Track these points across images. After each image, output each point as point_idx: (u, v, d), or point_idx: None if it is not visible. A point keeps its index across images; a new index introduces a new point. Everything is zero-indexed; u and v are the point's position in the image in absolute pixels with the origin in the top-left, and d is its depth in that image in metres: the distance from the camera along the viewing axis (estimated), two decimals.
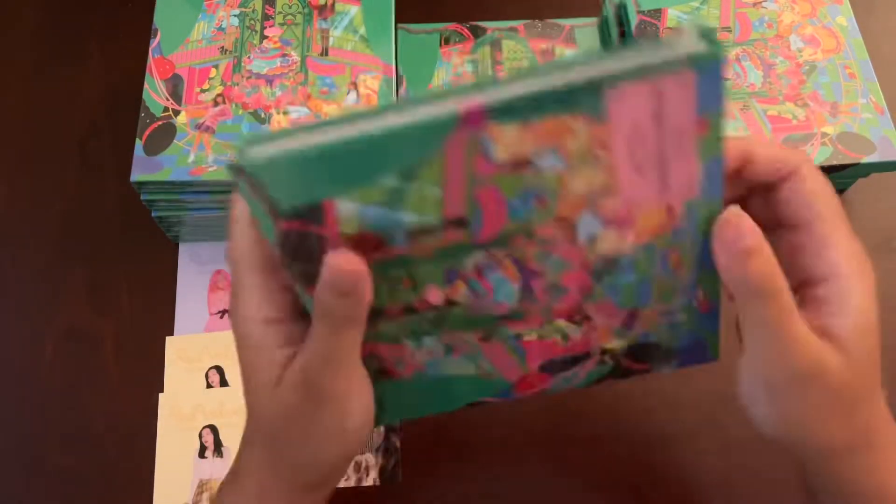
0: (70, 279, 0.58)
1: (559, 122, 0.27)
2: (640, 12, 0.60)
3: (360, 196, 0.28)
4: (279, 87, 0.55)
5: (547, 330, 0.35)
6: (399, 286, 0.32)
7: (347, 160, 0.27)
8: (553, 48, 0.64)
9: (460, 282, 0.32)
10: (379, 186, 0.28)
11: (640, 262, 0.32)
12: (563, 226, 0.30)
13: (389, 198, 0.28)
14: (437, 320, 0.33)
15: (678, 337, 0.36)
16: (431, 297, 0.32)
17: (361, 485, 0.51)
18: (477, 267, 0.31)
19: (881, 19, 0.67)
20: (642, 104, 0.27)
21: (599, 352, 0.36)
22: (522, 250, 0.31)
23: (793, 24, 0.60)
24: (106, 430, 0.53)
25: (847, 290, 0.32)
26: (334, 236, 0.29)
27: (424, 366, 0.35)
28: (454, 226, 0.30)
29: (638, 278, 0.33)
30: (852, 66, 0.58)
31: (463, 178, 0.28)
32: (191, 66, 0.56)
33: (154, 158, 0.52)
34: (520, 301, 0.33)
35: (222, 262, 0.58)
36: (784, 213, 0.33)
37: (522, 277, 0.32)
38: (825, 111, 0.56)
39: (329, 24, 0.58)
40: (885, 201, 0.61)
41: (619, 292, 0.33)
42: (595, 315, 0.34)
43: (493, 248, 0.31)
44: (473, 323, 0.34)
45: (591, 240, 0.31)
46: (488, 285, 0.32)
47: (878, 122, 0.56)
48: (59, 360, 0.55)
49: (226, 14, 0.58)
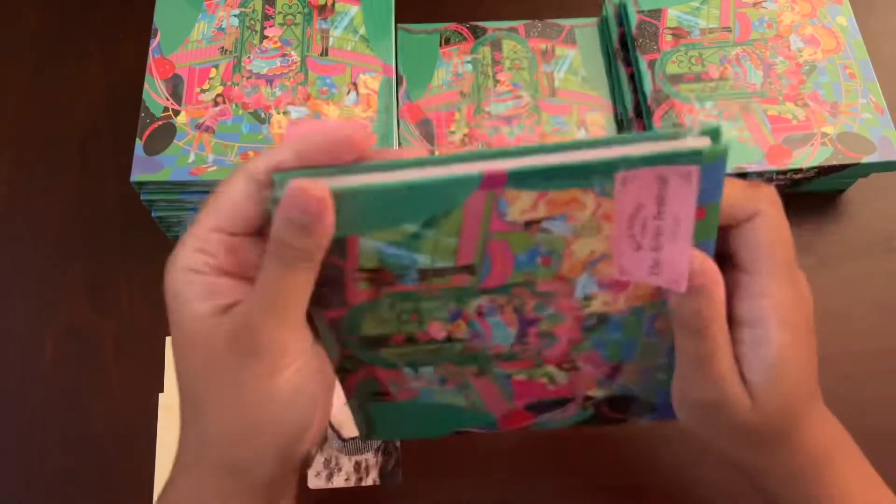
0: (70, 279, 0.58)
1: (571, 194, 0.30)
2: (640, 12, 0.60)
3: (381, 236, 0.30)
4: (279, 87, 0.55)
5: (536, 373, 0.37)
6: (406, 318, 0.34)
7: (378, 204, 0.29)
8: (553, 48, 0.64)
9: (462, 321, 0.34)
10: (401, 230, 0.30)
11: (629, 322, 0.35)
12: (563, 283, 0.33)
13: (408, 241, 0.31)
14: (435, 353, 0.36)
15: (656, 393, 0.38)
16: (434, 332, 0.35)
17: (361, 485, 0.51)
18: (479, 309, 0.34)
19: (881, 19, 0.67)
20: (647, 187, 0.29)
21: (582, 398, 0.39)
22: (522, 300, 0.34)
23: (793, 23, 0.60)
24: (106, 430, 0.53)
25: (764, 339, 0.33)
26: (353, 268, 0.31)
27: (418, 392, 0.38)
28: (463, 271, 0.32)
29: (624, 337, 0.36)
30: (852, 66, 0.58)
31: (477, 232, 0.31)
32: (191, 66, 0.56)
33: (154, 158, 0.52)
34: (514, 344, 0.36)
35: None
36: (734, 252, 0.34)
37: (519, 324, 0.35)
38: (825, 111, 0.56)
39: (329, 24, 0.58)
40: (885, 201, 0.61)
41: (606, 347, 0.36)
42: (582, 364, 0.37)
43: (496, 295, 0.33)
44: (469, 359, 0.36)
45: (587, 298, 0.34)
46: (487, 327, 0.35)
47: (878, 122, 0.56)
48: (59, 360, 0.55)
49: (226, 14, 0.58)
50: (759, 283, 0.33)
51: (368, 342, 0.35)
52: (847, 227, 0.60)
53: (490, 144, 0.60)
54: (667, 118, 0.56)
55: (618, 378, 0.38)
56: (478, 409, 0.39)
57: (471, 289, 0.33)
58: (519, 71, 0.63)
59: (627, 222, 0.30)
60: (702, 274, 0.31)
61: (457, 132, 0.61)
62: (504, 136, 0.60)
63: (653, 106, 0.57)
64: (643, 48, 0.59)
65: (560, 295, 0.33)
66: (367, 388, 0.37)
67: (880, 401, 0.54)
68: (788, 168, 0.54)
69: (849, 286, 0.58)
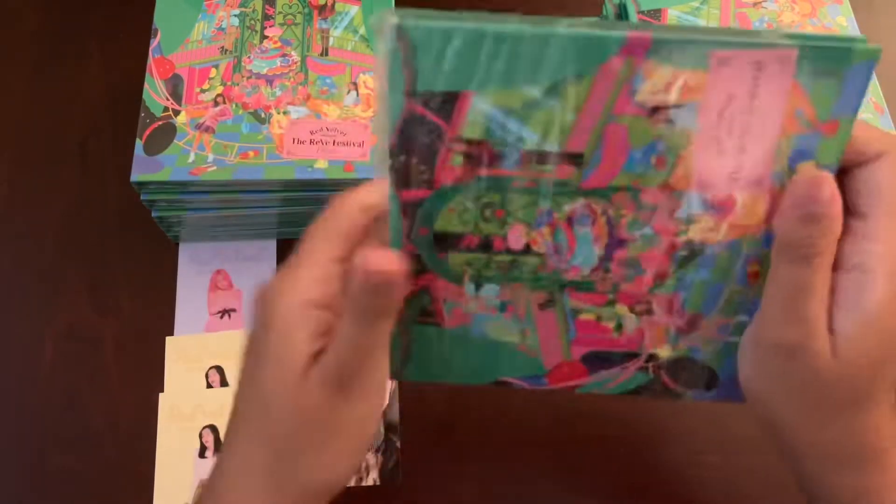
0: (70, 279, 0.58)
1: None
2: (640, 12, 0.60)
3: (497, 98, 0.28)
4: (279, 87, 0.55)
5: (606, 312, 0.35)
6: (489, 215, 0.32)
7: (508, 54, 0.28)
8: None
9: (548, 228, 0.32)
10: (520, 93, 0.28)
11: (722, 260, 0.32)
12: (669, 196, 0.31)
13: (524, 109, 0.29)
14: (507, 267, 0.33)
15: (725, 362, 0.36)
16: (513, 240, 0.32)
17: (361, 485, 0.51)
18: (571, 215, 0.32)
19: (881, 19, 0.67)
20: (742, 74, 0.27)
21: (645, 357, 0.36)
22: (620, 211, 0.31)
23: (793, 23, 0.60)
24: (106, 430, 0.53)
25: (865, 287, 0.30)
26: (453, 136, 0.29)
27: (472, 319, 0.35)
28: (569, 161, 0.30)
29: (713, 278, 0.33)
30: None
31: (600, 110, 0.29)
32: (191, 66, 0.56)
33: (154, 158, 0.52)
34: (595, 269, 0.33)
35: (222, 262, 0.58)
36: (849, 194, 0.32)
37: (609, 241, 0.32)
38: None
39: (329, 24, 0.58)
40: None
41: (691, 289, 0.33)
42: (657, 308, 0.34)
43: (595, 199, 0.31)
44: (540, 281, 0.34)
45: (688, 220, 0.31)
46: (573, 240, 0.32)
47: (878, 122, 0.56)
48: (59, 360, 0.55)
49: (226, 14, 0.58)
50: (872, 226, 0.31)
51: (439, 240, 0.32)
52: None
53: None
54: None
55: (691, 334, 0.35)
56: (531, 352, 0.36)
57: (572, 184, 0.31)
58: None
59: (716, 118, 0.28)
60: (828, 202, 0.29)
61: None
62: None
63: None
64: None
65: (662, 211, 0.31)
66: (417, 304, 0.34)
67: None
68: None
69: None
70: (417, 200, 0.31)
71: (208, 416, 0.53)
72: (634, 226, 0.32)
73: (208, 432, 0.53)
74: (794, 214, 0.30)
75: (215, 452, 0.53)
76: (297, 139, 0.53)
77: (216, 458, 0.35)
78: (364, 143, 0.53)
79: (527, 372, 0.37)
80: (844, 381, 0.32)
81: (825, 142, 0.29)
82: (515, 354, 0.36)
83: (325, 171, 0.52)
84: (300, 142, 0.53)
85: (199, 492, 0.51)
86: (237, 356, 0.34)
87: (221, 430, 0.53)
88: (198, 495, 0.36)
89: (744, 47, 0.27)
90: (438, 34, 0.28)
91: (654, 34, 0.27)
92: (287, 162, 0.52)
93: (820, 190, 0.29)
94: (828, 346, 0.31)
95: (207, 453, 0.53)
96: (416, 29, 0.27)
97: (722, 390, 0.37)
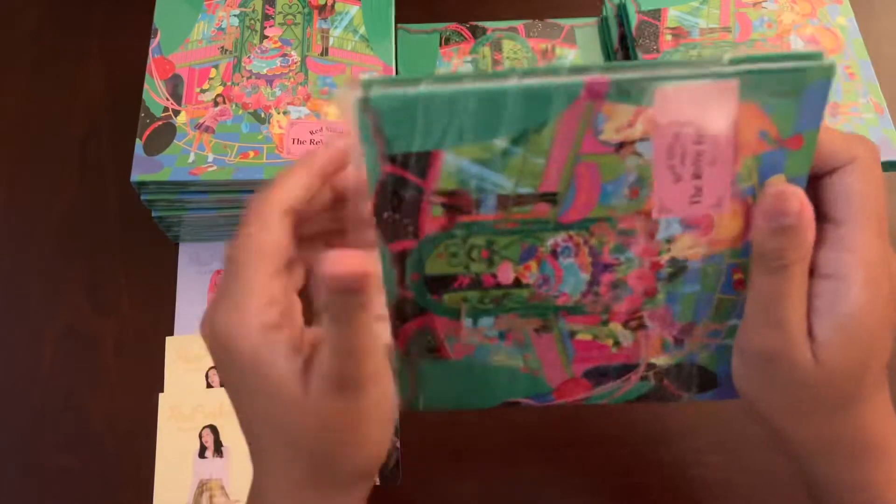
0: (70, 279, 0.58)
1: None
2: (640, 12, 0.60)
3: (468, 152, 0.29)
4: (279, 87, 0.55)
5: (601, 332, 0.36)
6: (476, 255, 0.33)
7: (470, 111, 0.28)
8: (553, 48, 0.64)
9: (534, 262, 0.33)
10: (489, 146, 0.29)
11: (707, 273, 0.33)
12: (646, 220, 0.32)
13: (495, 159, 0.30)
14: (500, 300, 0.34)
15: (721, 364, 0.37)
16: (502, 275, 0.33)
17: None
18: (554, 248, 0.33)
19: (881, 19, 0.67)
20: (688, 106, 0.28)
21: (645, 366, 0.37)
22: (601, 239, 0.32)
23: (793, 23, 0.60)
24: (106, 430, 0.53)
25: (843, 295, 0.31)
26: (431, 191, 0.30)
27: (474, 349, 0.36)
28: (545, 200, 0.31)
29: (701, 290, 0.34)
30: (852, 66, 0.58)
31: (568, 152, 0.29)
32: (191, 66, 0.56)
33: (154, 158, 0.52)
34: (584, 293, 0.34)
35: (222, 263, 0.58)
36: (823, 201, 0.32)
37: (593, 269, 0.33)
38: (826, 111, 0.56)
39: (329, 24, 0.58)
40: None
41: (680, 302, 0.34)
42: (650, 322, 0.35)
43: (575, 231, 0.32)
44: (534, 310, 0.35)
45: (669, 240, 0.32)
46: (559, 271, 0.33)
47: (878, 122, 0.56)
48: (58, 360, 0.55)
49: (226, 14, 0.58)
50: (847, 234, 0.31)
51: (432, 283, 0.34)
52: None
53: None
54: None
55: (686, 342, 0.36)
56: (534, 373, 0.37)
57: (550, 221, 0.32)
58: None
59: (667, 150, 0.29)
60: (797, 214, 0.29)
61: None
62: None
63: None
64: (643, 48, 0.59)
65: (642, 234, 0.32)
66: (421, 342, 0.36)
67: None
68: None
69: None
70: (406, 251, 0.32)
71: (208, 416, 0.53)
72: (617, 251, 0.33)
73: (208, 432, 0.53)
74: (766, 227, 0.30)
75: (215, 452, 0.53)
76: (297, 139, 0.53)
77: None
78: None
79: (534, 392, 0.38)
80: (827, 385, 0.32)
81: (792, 156, 0.30)
82: (521, 377, 0.37)
83: None
84: (300, 142, 0.53)
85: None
86: None
87: (221, 430, 0.53)
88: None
89: (687, 81, 0.28)
90: (402, 101, 0.28)
91: (610, 76, 0.28)
92: (287, 162, 0.52)
93: (788, 203, 0.29)
94: (808, 352, 0.32)
95: (207, 453, 0.53)
96: (380, 100, 0.28)
97: (721, 390, 0.38)
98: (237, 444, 0.36)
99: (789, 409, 0.34)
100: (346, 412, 0.31)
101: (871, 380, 0.33)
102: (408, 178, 0.30)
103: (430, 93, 0.28)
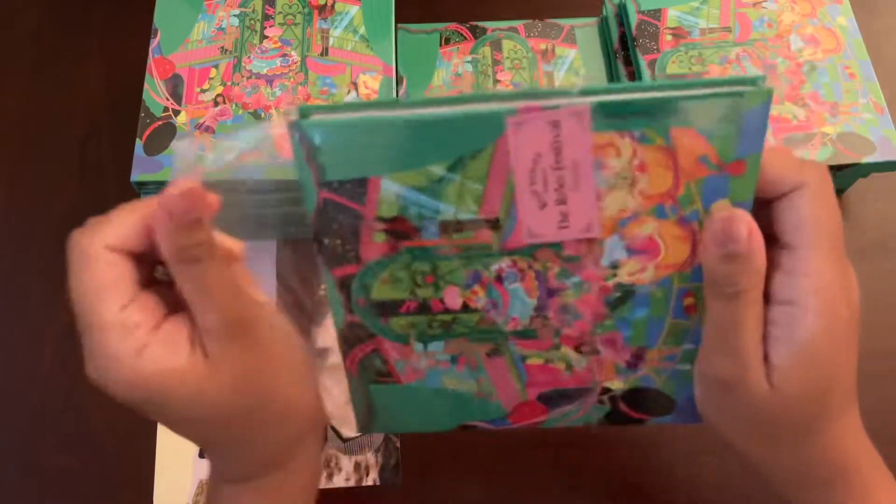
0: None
1: (607, 137, 0.28)
2: (640, 12, 0.60)
3: (404, 179, 0.29)
4: (279, 87, 0.55)
5: (553, 356, 0.35)
6: (422, 281, 0.33)
7: (406, 139, 0.28)
8: (553, 48, 0.64)
9: (480, 287, 0.33)
10: (426, 173, 0.29)
11: (656, 297, 0.33)
12: (590, 246, 0.32)
13: (433, 186, 0.30)
14: (449, 325, 0.34)
15: (678, 387, 0.37)
16: (449, 300, 0.33)
17: (361, 485, 0.51)
18: (499, 274, 0.32)
19: (881, 19, 0.67)
20: (541, 134, 0.28)
21: (599, 390, 0.37)
22: (546, 264, 0.32)
23: (793, 23, 0.60)
24: (106, 430, 0.53)
25: (798, 322, 0.31)
26: (370, 217, 0.30)
27: (425, 374, 0.36)
28: (487, 226, 0.31)
29: (651, 315, 0.34)
30: (852, 66, 0.58)
31: (506, 177, 0.29)
32: (191, 66, 0.56)
33: (154, 158, 0.52)
34: (533, 318, 0.34)
35: None
36: (776, 226, 0.32)
37: (540, 293, 0.33)
38: (825, 111, 0.56)
39: (329, 24, 0.58)
40: (885, 201, 0.61)
41: (631, 327, 0.34)
42: (602, 347, 0.35)
43: (519, 257, 0.32)
44: (484, 334, 0.34)
45: (614, 265, 0.32)
46: (506, 295, 0.33)
47: (878, 122, 0.56)
48: (58, 360, 0.55)
49: (226, 14, 0.58)
50: (800, 259, 0.31)
51: (379, 308, 0.33)
52: (847, 227, 0.59)
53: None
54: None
55: (639, 366, 0.36)
56: (488, 397, 0.37)
57: (493, 247, 0.32)
58: (519, 71, 0.63)
59: (528, 176, 0.29)
60: (745, 241, 0.29)
61: None
62: None
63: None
64: (643, 48, 0.59)
65: (586, 260, 0.32)
66: (370, 366, 0.36)
67: (881, 402, 0.54)
68: None
69: None
70: (350, 276, 0.32)
71: None
72: (563, 275, 0.32)
73: None
74: (715, 253, 0.30)
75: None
76: None
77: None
78: None
79: (489, 416, 0.38)
80: (785, 411, 0.32)
81: (735, 180, 0.29)
82: (474, 401, 0.37)
83: None
84: None
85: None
86: None
87: None
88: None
89: (538, 102, 0.28)
90: (335, 129, 0.29)
91: (543, 105, 0.28)
92: (287, 162, 0.52)
93: (736, 228, 0.29)
94: (763, 379, 0.32)
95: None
96: (314, 127, 0.28)
97: (679, 414, 0.37)
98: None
99: (751, 435, 0.34)
100: (249, 363, 0.31)
101: (835, 403, 0.33)
102: (345, 205, 0.30)
103: (361, 120, 0.28)
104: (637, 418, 0.38)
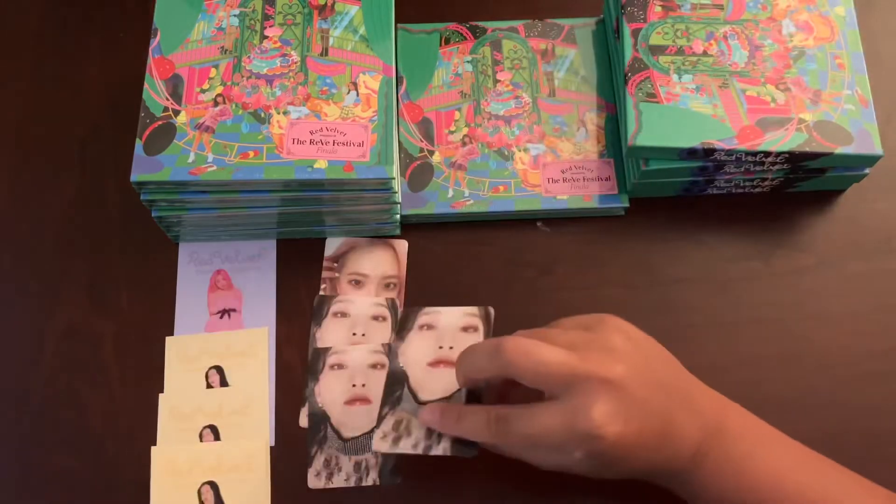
0: (70, 279, 0.58)
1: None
2: None
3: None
4: (279, 87, 0.55)
5: (762, 90, 0.56)
6: (679, 34, 0.58)
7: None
8: (553, 48, 0.64)
9: (714, 41, 0.58)
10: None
11: (819, 57, 0.57)
12: (775, 23, 0.58)
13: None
14: (695, 63, 0.57)
15: (850, 122, 0.55)
16: (696, 47, 0.58)
17: (361, 485, 0.51)
18: (725, 34, 0.58)
19: (881, 19, 0.66)
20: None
21: (797, 119, 0.55)
22: (752, 31, 0.58)
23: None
24: (106, 430, 0.53)
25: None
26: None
27: (679, 98, 0.56)
28: (717, 7, 0.59)
29: (818, 67, 0.57)
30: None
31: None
32: (191, 66, 0.56)
33: (154, 158, 0.52)
34: (746, 63, 0.57)
35: (222, 262, 0.58)
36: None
37: (750, 47, 0.57)
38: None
39: (329, 24, 0.58)
40: (885, 201, 0.61)
41: (807, 74, 0.57)
42: (792, 86, 0.56)
43: (735, 25, 0.58)
44: (716, 72, 0.57)
45: (790, 35, 0.58)
46: (729, 48, 0.57)
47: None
48: (59, 360, 0.55)
49: (226, 14, 0.58)
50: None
51: (652, 49, 0.57)
52: (847, 227, 0.60)
53: (490, 144, 0.60)
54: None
55: (819, 103, 0.56)
56: (721, 119, 0.55)
57: (720, 19, 0.59)
58: (519, 71, 0.63)
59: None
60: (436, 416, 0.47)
61: (457, 132, 0.61)
62: (504, 135, 0.60)
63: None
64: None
65: (773, 31, 0.58)
66: (643, 89, 0.56)
67: (881, 402, 0.54)
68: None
69: (849, 286, 0.58)
70: (638, 29, 0.58)
71: (208, 417, 0.53)
72: (762, 38, 0.58)
73: (208, 432, 0.53)
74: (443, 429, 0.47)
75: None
76: (296, 139, 0.53)
77: None
78: (364, 143, 0.53)
79: (722, 135, 0.55)
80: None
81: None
82: (712, 122, 0.55)
83: (325, 172, 0.52)
84: (300, 142, 0.53)
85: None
86: (237, 356, 0.34)
87: (221, 430, 0.53)
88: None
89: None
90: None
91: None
92: (287, 162, 0.52)
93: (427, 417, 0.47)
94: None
95: None
96: None
97: (857, 144, 0.55)
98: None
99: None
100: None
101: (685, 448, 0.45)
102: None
103: None
104: (824, 153, 0.55)
